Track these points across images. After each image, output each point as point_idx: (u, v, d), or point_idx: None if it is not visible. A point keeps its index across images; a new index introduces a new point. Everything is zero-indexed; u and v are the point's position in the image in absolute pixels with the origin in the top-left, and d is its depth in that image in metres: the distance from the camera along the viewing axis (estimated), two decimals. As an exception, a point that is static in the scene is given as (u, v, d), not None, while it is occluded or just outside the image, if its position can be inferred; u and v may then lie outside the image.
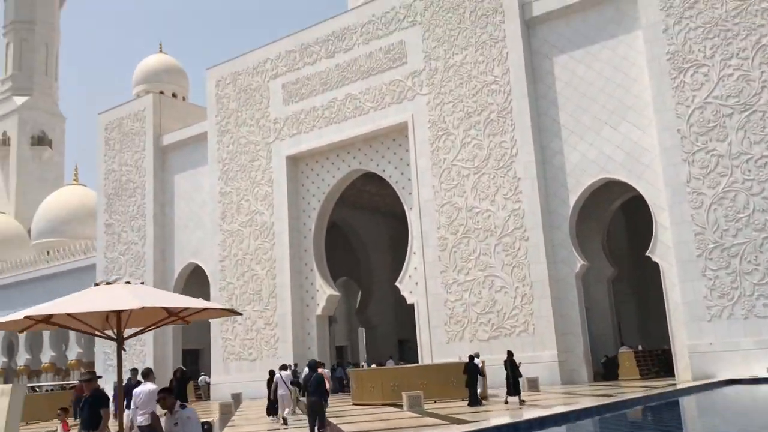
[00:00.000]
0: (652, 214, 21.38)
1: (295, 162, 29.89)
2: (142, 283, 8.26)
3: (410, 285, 25.90)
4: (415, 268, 25.74)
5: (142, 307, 6.78)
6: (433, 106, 25.56)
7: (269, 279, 29.37)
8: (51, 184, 69.37)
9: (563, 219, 22.81)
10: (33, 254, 52.24)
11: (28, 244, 61.19)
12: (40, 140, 69.51)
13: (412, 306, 25.45)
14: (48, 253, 49.04)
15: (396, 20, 27.08)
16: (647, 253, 21.49)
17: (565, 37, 23.75)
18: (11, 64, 70.57)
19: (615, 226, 28.69)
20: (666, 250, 20.89)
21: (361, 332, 41.66)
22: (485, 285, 23.47)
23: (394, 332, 38.68)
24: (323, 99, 28.80)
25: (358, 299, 40.48)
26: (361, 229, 38.50)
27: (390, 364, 29.20)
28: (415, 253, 25.86)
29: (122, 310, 7.19)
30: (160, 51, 42.12)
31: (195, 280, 34.00)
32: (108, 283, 7.54)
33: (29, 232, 62.37)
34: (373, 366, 26.46)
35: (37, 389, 35.81)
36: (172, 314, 7.76)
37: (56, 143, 70.83)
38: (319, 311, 28.48)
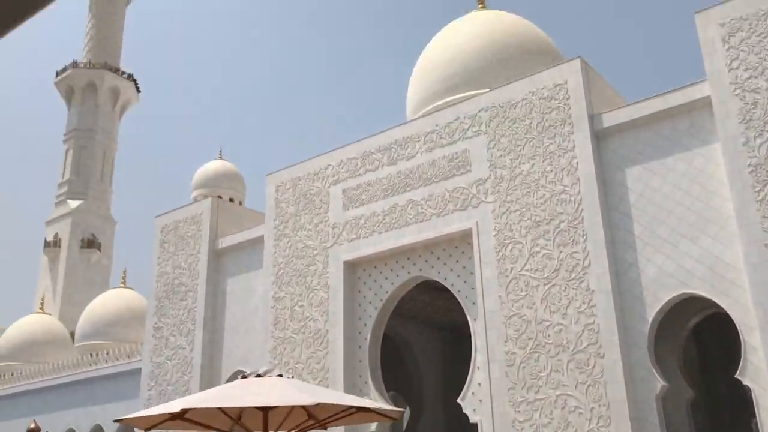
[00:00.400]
0: (740, 333, 20.02)
1: (352, 268, 29.30)
2: (291, 376, 7.44)
3: (474, 402, 24.43)
4: (479, 384, 24.35)
5: (317, 404, 5.94)
6: (498, 214, 25.01)
7: (321, 390, 28.11)
8: (97, 286, 69.79)
9: (641, 335, 21.52)
10: (75, 356, 51.63)
11: (71, 347, 60.81)
12: (90, 243, 70.59)
13: (467, 426, 23.91)
14: (90, 355, 48.39)
15: (460, 130, 27.09)
16: (737, 376, 19.95)
17: (637, 149, 23.34)
18: (69, 169, 72.93)
19: (687, 345, 27.13)
20: (757, 372, 19.42)
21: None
22: (557, 405, 21.96)
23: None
24: (384, 204, 28.52)
25: (406, 415, 38.64)
26: (413, 341, 37.25)
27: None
28: (479, 368, 24.55)
29: (270, 408, 6.36)
30: (220, 157, 42.98)
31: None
32: (258, 375, 6.75)
33: (72, 334, 62.13)
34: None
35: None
36: (311, 417, 6.88)
37: (105, 246, 71.83)
38: (373, 427, 26.94)
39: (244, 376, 6.94)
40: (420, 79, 34.12)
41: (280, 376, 6.92)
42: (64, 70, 75.78)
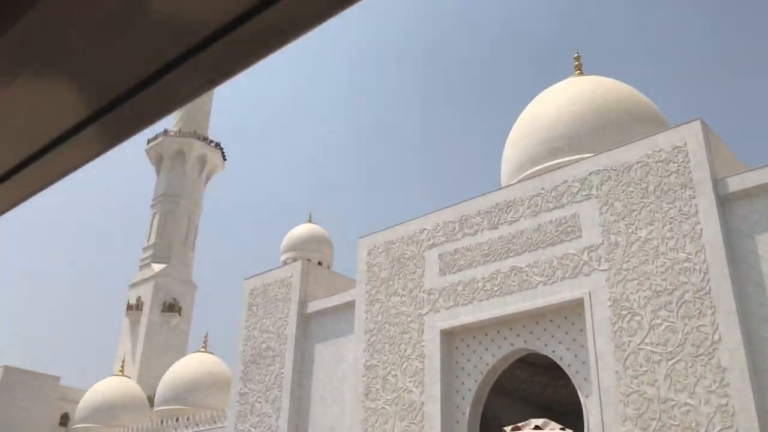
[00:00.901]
0: None
1: (450, 337, 27.91)
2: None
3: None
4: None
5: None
6: (613, 283, 23.39)
7: (416, 466, 26.41)
8: (175, 350, 69.94)
9: (784, 421, 19.29)
10: (151, 421, 51.21)
11: (148, 410, 60.56)
12: (171, 307, 71.21)
13: None
14: (168, 421, 47.83)
15: (569, 193, 25.86)
16: None
17: (768, 214, 21.59)
18: (155, 233, 74.51)
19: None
20: None
21: None
22: (688, 495, 19.72)
23: None
24: (484, 271, 27.26)
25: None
26: (507, 419, 35.07)
27: None
28: (592, 449, 22.53)
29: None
30: (309, 221, 42.81)
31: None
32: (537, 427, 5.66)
33: (149, 398, 62.05)
34: None
35: None
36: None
37: (185, 311, 72.33)
38: None
39: (516, 428, 5.91)
40: (518, 143, 33.25)
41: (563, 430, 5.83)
42: (155, 137, 78.49)
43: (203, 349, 54.64)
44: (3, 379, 57.48)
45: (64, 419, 62.07)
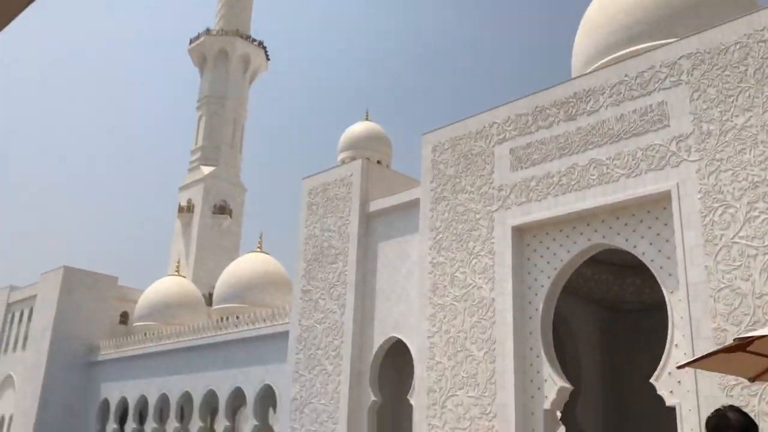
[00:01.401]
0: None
1: (521, 233, 27.07)
2: None
3: (670, 384, 21.81)
4: (678, 363, 21.65)
5: None
6: (705, 174, 22.04)
7: (487, 362, 26.19)
8: (227, 252, 70.95)
9: None
10: (208, 319, 52.34)
11: (203, 309, 62.00)
12: (221, 209, 71.71)
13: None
14: (227, 319, 48.75)
15: (655, 80, 24.15)
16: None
17: None
18: (202, 135, 74.21)
19: None
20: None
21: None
22: (785, 391, 19.07)
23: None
24: (560, 165, 26.04)
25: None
26: (570, 318, 34.66)
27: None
28: (677, 345, 21.88)
29: None
30: (366, 119, 41.66)
31: (395, 356, 31.49)
32: None
33: (204, 297, 63.38)
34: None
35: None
36: None
37: (235, 213, 72.79)
38: (547, 404, 24.85)
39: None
40: (592, 30, 31.19)
41: None
42: (197, 37, 76.91)
43: (258, 249, 55.09)
44: (64, 280, 58.96)
45: (124, 318, 63.94)
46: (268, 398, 42.15)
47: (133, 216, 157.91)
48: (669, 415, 22.27)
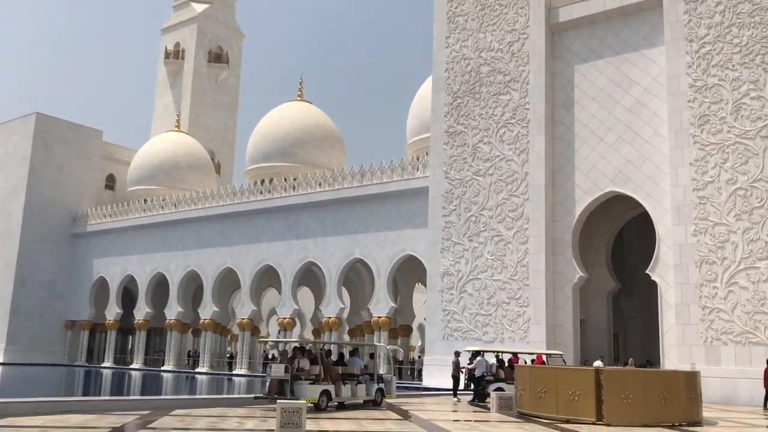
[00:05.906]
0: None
1: None
2: None
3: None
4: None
5: None
6: None
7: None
8: (225, 108, 60.24)
9: None
10: (248, 180, 42.74)
11: (214, 173, 51.93)
12: (218, 57, 60.09)
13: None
14: (267, 181, 39.25)
15: None
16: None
17: None
18: (190, -34, 61.02)
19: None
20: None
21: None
22: None
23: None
24: None
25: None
26: None
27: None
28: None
29: None
30: None
31: (605, 218, 23.40)
32: None
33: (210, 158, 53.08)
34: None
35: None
36: None
37: (233, 63, 61.22)
38: None
39: None
40: None
41: None
42: None
43: (299, 98, 44.83)
44: (37, 130, 47.11)
45: (110, 181, 53.00)
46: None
47: (110, 60, 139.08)
48: None
